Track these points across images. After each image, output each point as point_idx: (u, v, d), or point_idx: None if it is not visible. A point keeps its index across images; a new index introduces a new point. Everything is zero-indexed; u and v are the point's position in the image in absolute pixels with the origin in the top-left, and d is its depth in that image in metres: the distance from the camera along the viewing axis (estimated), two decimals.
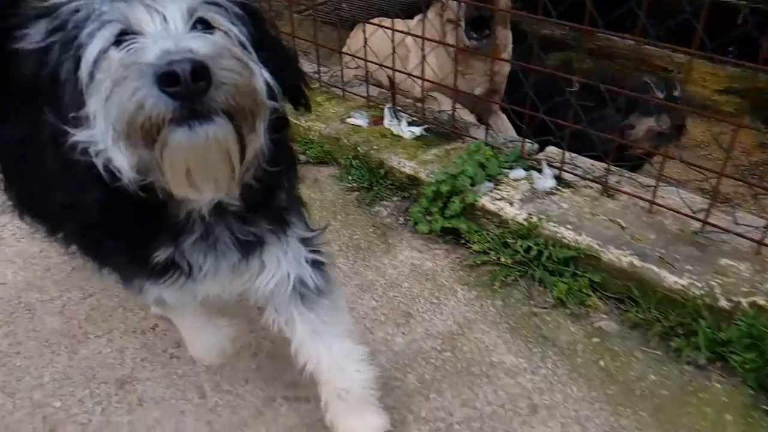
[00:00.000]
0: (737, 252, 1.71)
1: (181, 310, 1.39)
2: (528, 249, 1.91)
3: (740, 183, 2.65)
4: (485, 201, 2.02)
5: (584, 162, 2.16)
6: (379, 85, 2.95)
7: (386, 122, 2.44)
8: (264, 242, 1.13)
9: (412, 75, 2.52)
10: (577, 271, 1.84)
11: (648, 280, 1.69)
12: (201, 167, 0.84)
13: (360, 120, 2.47)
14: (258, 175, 0.95)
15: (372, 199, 2.29)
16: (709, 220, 1.76)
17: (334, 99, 2.71)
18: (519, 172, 2.11)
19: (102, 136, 0.82)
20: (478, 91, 2.90)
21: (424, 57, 2.43)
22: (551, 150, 2.21)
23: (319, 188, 2.38)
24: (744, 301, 1.56)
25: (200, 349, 1.51)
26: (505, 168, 2.14)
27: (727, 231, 1.73)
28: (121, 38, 0.83)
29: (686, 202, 1.82)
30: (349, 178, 2.36)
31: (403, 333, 1.77)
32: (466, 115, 2.79)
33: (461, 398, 1.57)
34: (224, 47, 0.81)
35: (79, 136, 0.85)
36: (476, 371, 1.65)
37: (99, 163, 0.85)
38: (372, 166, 2.30)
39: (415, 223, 2.11)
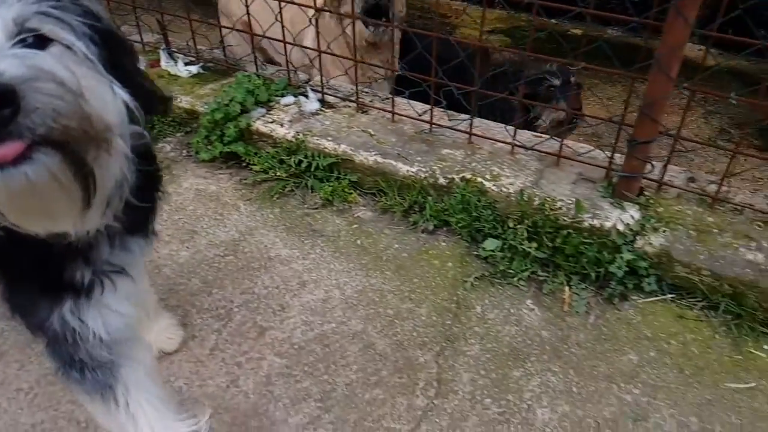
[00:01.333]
0: (455, 143, 2.16)
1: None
2: (299, 162, 2.19)
3: None
4: (258, 125, 2.25)
5: (345, 87, 2.48)
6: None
7: (163, 64, 2.54)
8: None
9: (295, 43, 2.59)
10: (339, 175, 2.17)
11: (389, 173, 2.07)
12: (35, 207, 0.75)
13: None
14: (133, 198, 0.91)
15: (155, 136, 2.40)
16: (434, 121, 2.19)
17: None
18: (288, 99, 2.37)
19: None
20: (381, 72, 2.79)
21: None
22: (317, 78, 2.49)
23: None
24: (456, 177, 2.00)
25: None
26: (276, 96, 2.38)
27: (445, 127, 2.18)
28: None
29: (416, 110, 2.23)
30: None
31: (188, 247, 1.96)
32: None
33: (241, 288, 1.83)
34: (42, 68, 0.70)
35: None
36: (255, 266, 1.91)
37: None
38: None
39: (197, 152, 2.28)
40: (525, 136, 2.13)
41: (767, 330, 1.67)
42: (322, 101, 2.37)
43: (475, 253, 1.94)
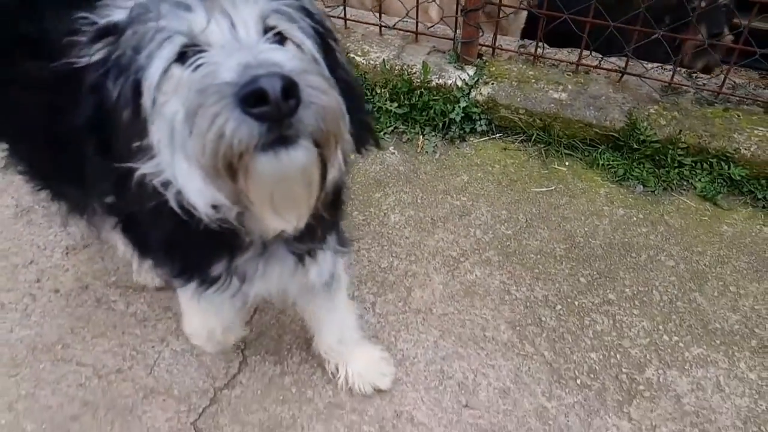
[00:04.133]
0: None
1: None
2: None
3: None
4: None
5: None
6: None
7: None
8: (313, 253, 1.11)
9: None
10: None
11: None
12: (284, 196, 0.75)
13: None
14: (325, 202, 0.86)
15: None
16: None
17: None
18: None
19: (170, 167, 0.74)
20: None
21: None
22: None
23: None
24: None
25: (197, 328, 1.45)
26: None
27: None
28: (185, 53, 0.73)
29: None
30: None
31: None
32: None
33: None
34: (310, 62, 0.71)
35: (143, 168, 0.77)
36: None
37: (170, 196, 0.77)
38: None
39: None
40: (392, 20, 2.53)
41: (568, 151, 2.20)
42: None
43: None
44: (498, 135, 2.27)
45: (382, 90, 2.30)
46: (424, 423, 1.51)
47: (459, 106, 2.21)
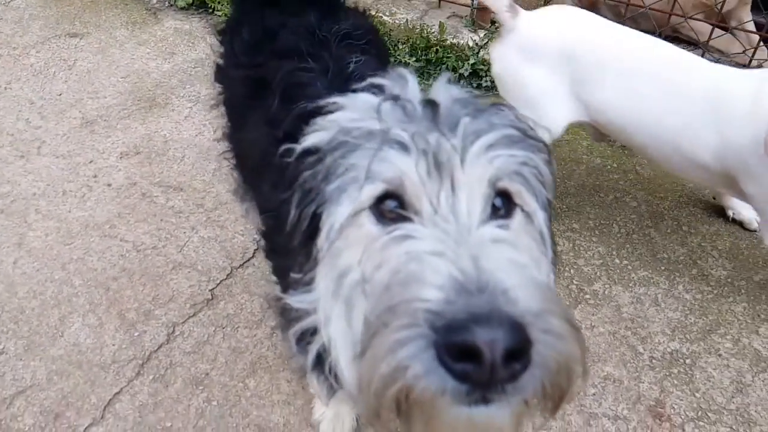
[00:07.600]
0: None
1: None
2: None
3: None
4: None
5: None
6: None
7: None
8: None
9: None
10: None
11: None
12: None
13: None
14: None
15: None
16: None
17: None
18: None
19: (325, 319, 0.65)
20: None
21: None
22: None
23: None
24: None
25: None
26: None
27: None
28: (383, 198, 0.61)
29: None
30: None
31: (168, 61, 2.72)
32: None
33: (206, 85, 2.60)
34: (552, 293, 0.54)
35: (294, 298, 0.70)
36: None
37: (315, 343, 0.69)
38: None
39: (175, 1, 3.01)
40: None
41: None
42: None
43: None
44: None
45: (403, 46, 2.61)
46: None
47: (468, 63, 2.50)
